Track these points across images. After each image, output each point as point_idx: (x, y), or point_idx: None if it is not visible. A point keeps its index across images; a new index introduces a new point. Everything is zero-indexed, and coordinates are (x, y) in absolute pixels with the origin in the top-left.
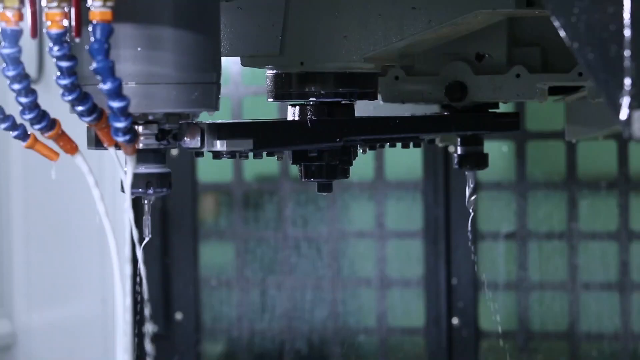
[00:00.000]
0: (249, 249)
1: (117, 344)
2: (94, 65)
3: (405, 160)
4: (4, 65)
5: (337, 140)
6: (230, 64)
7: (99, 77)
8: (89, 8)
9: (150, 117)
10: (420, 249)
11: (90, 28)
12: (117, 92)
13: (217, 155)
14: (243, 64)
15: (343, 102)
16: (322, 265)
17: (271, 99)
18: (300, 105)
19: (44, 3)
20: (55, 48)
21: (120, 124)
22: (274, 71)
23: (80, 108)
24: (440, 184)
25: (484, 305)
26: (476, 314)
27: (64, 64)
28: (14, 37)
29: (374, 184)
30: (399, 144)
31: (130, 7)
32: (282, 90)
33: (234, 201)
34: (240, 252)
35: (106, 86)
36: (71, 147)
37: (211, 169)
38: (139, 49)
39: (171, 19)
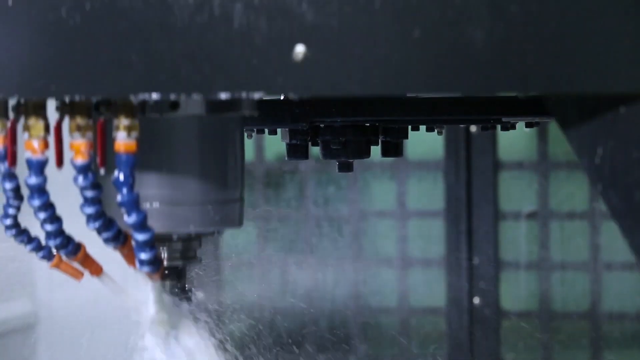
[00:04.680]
0: (270, 228)
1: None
2: (119, 198)
3: (426, 140)
4: (29, 193)
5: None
6: None
7: (123, 210)
8: (114, 139)
9: (175, 237)
10: (441, 228)
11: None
12: (142, 225)
13: None
14: None
15: None
16: (344, 245)
17: None
18: None
19: (68, 133)
20: (80, 178)
21: (145, 256)
22: None
23: (105, 235)
24: (462, 163)
25: (505, 285)
26: (497, 294)
27: (89, 193)
28: (40, 166)
29: (395, 163)
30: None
31: (153, 130)
32: None
33: (255, 180)
34: (262, 231)
35: (131, 219)
36: (96, 269)
37: None
38: (162, 170)
39: (194, 141)
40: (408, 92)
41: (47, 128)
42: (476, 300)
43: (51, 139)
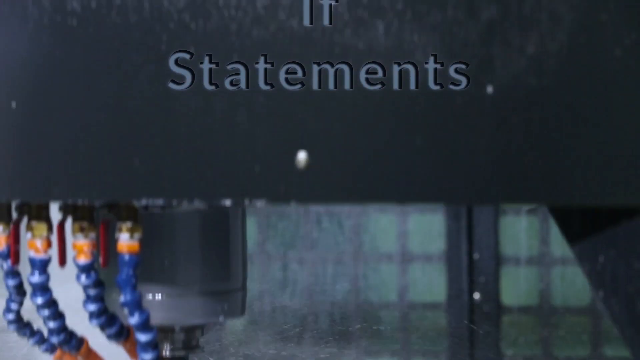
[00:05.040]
0: (270, 223)
1: None
2: (122, 298)
3: None
4: (32, 291)
5: None
6: None
7: (126, 310)
8: (116, 239)
9: (177, 329)
10: (442, 223)
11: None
12: (145, 325)
13: None
14: None
15: None
16: (344, 240)
17: None
18: None
19: (71, 233)
20: (83, 277)
21: (147, 356)
22: None
23: (108, 331)
24: None
25: (505, 280)
26: (498, 289)
27: (92, 291)
28: (43, 265)
29: None
30: None
31: (155, 224)
32: None
33: None
34: (262, 227)
35: (134, 319)
36: None
37: None
38: (165, 262)
39: (196, 234)
40: (410, 201)
41: (50, 228)
42: (476, 295)
43: (54, 237)
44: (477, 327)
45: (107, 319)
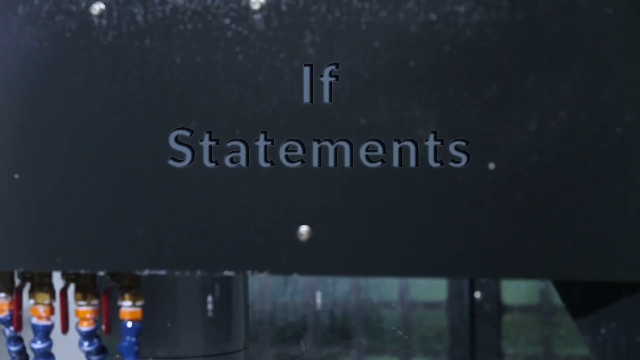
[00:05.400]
0: None
1: None
2: None
3: None
4: (34, 357)
5: None
6: None
7: None
8: (119, 306)
9: None
10: None
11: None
12: None
13: None
14: None
15: None
16: None
17: None
18: None
19: (74, 300)
20: (86, 344)
21: None
22: None
23: None
24: None
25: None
26: (498, 288)
27: (94, 358)
28: (45, 332)
29: None
30: None
31: (157, 286)
32: None
33: None
34: None
35: None
36: None
37: None
38: (168, 324)
39: (198, 296)
40: (412, 275)
41: (52, 295)
42: (477, 294)
43: (56, 304)
44: (477, 326)
45: None
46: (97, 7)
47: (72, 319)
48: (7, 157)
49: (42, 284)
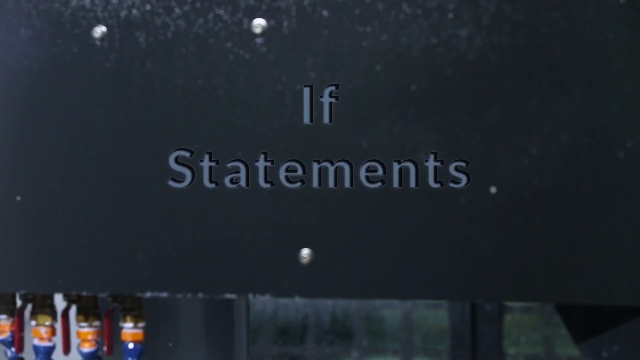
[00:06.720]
0: None
1: None
2: None
3: None
4: None
5: None
6: None
7: None
8: (121, 328)
9: None
10: None
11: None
12: None
13: None
14: None
15: None
16: None
17: None
18: None
19: (75, 321)
20: None
21: None
22: None
23: None
24: None
25: None
26: None
27: None
28: (47, 353)
29: None
30: None
31: (159, 307)
32: None
33: None
34: None
35: None
36: None
37: None
38: (170, 344)
39: (200, 317)
40: (414, 297)
41: (54, 316)
42: None
43: (58, 325)
44: (479, 326)
45: None
46: (99, 30)
47: (74, 340)
48: (9, 179)
49: (43, 306)
